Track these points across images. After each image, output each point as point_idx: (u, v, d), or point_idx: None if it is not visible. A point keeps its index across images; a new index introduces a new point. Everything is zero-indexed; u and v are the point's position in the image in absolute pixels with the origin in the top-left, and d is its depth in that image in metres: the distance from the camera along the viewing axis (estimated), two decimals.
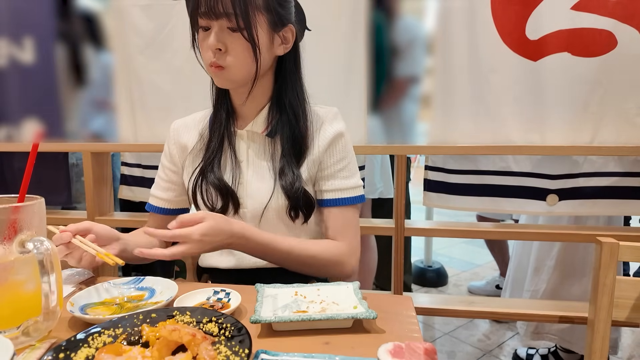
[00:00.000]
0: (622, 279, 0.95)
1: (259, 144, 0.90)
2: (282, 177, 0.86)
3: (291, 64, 0.89)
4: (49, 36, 1.44)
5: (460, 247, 3.41)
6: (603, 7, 1.17)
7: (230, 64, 0.81)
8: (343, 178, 0.89)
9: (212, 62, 0.81)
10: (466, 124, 1.31)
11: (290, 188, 0.84)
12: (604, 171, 1.34)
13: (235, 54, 0.80)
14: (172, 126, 0.99)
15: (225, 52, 0.80)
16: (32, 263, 0.55)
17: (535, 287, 1.63)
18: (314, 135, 0.88)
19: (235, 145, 0.90)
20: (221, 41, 0.79)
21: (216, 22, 0.79)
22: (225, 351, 0.48)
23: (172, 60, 1.41)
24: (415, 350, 0.47)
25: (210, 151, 0.90)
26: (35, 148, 0.61)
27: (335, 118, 0.91)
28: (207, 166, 0.89)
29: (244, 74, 0.83)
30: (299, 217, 0.87)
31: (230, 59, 0.80)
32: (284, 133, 0.87)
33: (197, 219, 0.74)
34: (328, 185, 0.88)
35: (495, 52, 1.25)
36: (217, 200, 0.88)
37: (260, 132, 0.89)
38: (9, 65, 1.46)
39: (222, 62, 0.81)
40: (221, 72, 0.82)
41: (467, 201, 1.45)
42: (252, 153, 0.90)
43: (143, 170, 1.62)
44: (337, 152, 0.89)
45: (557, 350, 1.72)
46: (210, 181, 0.88)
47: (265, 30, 0.81)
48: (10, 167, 1.70)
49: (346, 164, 0.90)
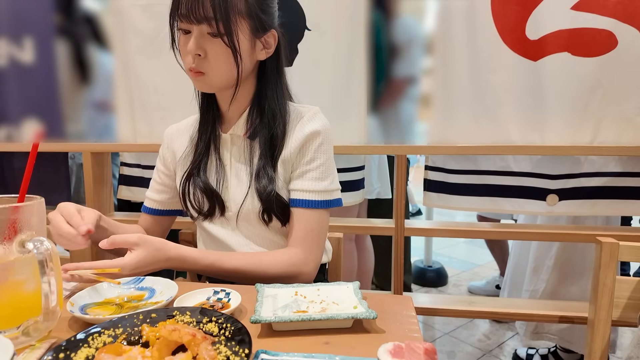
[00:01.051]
0: (622, 279, 0.95)
1: (240, 147, 0.89)
2: (257, 179, 0.85)
3: (272, 68, 0.88)
4: (49, 36, 1.44)
5: (460, 247, 3.41)
6: (603, 7, 1.17)
7: (210, 69, 0.80)
8: (312, 179, 0.85)
9: (192, 67, 0.81)
10: (466, 124, 1.31)
11: (263, 191, 0.83)
12: (604, 171, 1.35)
13: (215, 59, 0.79)
14: (167, 131, 1.00)
15: (205, 58, 0.79)
16: (32, 263, 0.55)
17: (535, 287, 1.63)
18: (289, 135, 0.86)
19: (219, 149, 0.91)
20: (201, 47, 0.78)
21: (197, 26, 0.78)
22: (225, 351, 0.48)
23: (172, 60, 1.40)
24: (415, 350, 0.47)
25: (197, 155, 0.91)
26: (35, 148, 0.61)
27: (312, 118, 0.87)
28: (194, 170, 0.90)
29: (224, 80, 0.82)
30: (273, 221, 0.86)
31: (209, 64, 0.80)
32: (262, 135, 0.86)
33: (131, 242, 0.75)
34: (295, 184, 0.86)
35: (495, 52, 1.25)
36: (204, 203, 0.88)
37: (241, 135, 0.88)
38: (9, 65, 1.46)
39: (202, 68, 0.80)
40: (201, 77, 0.81)
41: (467, 201, 1.45)
42: (234, 156, 0.90)
43: (142, 170, 1.61)
44: (308, 152, 0.85)
45: (557, 350, 1.72)
46: (196, 185, 0.88)
47: (246, 36, 0.80)
48: (10, 167, 1.70)
49: (318, 165, 0.85)
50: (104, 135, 1.52)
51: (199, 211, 0.90)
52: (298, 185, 0.86)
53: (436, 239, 2.93)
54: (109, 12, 1.42)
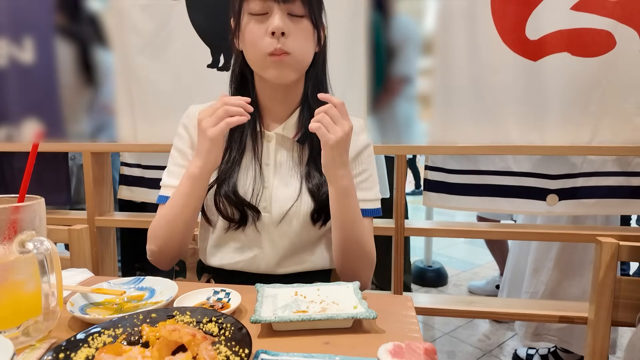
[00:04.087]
0: (622, 279, 0.95)
1: (288, 149, 0.86)
2: (308, 180, 0.83)
3: (320, 65, 0.86)
4: (49, 36, 1.44)
5: (460, 247, 3.41)
6: (602, 8, 1.18)
7: (295, 49, 0.76)
8: (363, 190, 0.86)
9: (276, 48, 0.75)
10: (466, 124, 1.31)
11: (317, 191, 0.82)
12: (603, 171, 1.35)
13: (298, 39, 0.76)
14: (191, 111, 0.90)
15: (288, 37, 0.75)
16: (32, 263, 0.55)
17: (535, 289, 1.63)
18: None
19: (261, 148, 0.85)
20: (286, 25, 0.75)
21: (279, 6, 0.75)
22: (225, 351, 0.48)
23: (172, 60, 1.41)
24: (415, 350, 0.47)
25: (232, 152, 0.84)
26: (35, 148, 0.61)
27: (363, 130, 0.89)
28: (229, 171, 0.84)
29: (305, 62, 0.80)
30: (320, 221, 0.85)
31: (294, 44, 0.76)
32: (313, 139, 0.83)
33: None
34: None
35: (495, 52, 1.25)
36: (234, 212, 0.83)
37: (291, 137, 0.85)
38: (9, 65, 1.46)
39: (286, 47, 0.75)
40: (286, 58, 0.76)
41: (467, 201, 1.45)
42: (281, 158, 0.86)
43: (143, 170, 1.61)
44: (361, 163, 0.87)
45: (556, 351, 1.72)
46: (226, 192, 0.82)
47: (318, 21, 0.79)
48: (10, 167, 1.70)
49: (368, 176, 0.88)
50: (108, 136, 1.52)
51: (230, 219, 0.84)
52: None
53: (436, 239, 2.93)
54: (109, 12, 1.42)
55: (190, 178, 0.79)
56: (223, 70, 1.38)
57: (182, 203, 0.80)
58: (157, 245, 0.84)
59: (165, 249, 0.84)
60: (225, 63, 1.38)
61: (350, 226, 0.80)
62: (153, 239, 0.84)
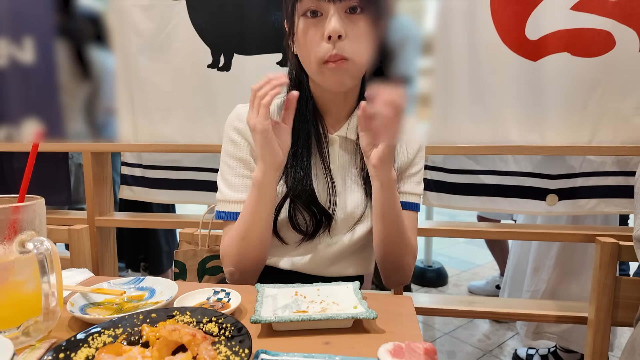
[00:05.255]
0: (622, 279, 0.95)
1: (351, 152, 0.83)
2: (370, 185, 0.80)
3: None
4: (49, 36, 1.44)
5: (460, 247, 3.41)
6: (602, 8, 1.18)
7: (354, 53, 0.71)
8: (416, 183, 0.86)
9: (332, 55, 0.69)
10: (466, 123, 1.31)
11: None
12: (602, 170, 1.35)
13: (357, 40, 0.70)
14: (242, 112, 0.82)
15: (345, 40, 0.69)
16: (32, 263, 0.55)
17: (535, 288, 1.63)
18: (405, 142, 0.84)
19: (326, 153, 0.81)
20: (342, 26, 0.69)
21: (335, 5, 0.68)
22: (225, 351, 0.48)
23: (173, 61, 1.41)
24: (415, 350, 0.47)
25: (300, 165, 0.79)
26: (35, 148, 0.61)
27: (416, 125, 0.90)
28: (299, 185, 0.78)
29: (364, 66, 0.74)
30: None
31: (352, 47, 0.70)
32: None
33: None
34: (402, 187, 0.85)
35: (494, 52, 1.25)
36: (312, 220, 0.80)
37: (354, 139, 0.82)
38: (9, 65, 1.46)
39: (344, 53, 0.69)
40: (344, 65, 0.71)
41: (467, 201, 1.45)
42: (344, 161, 0.83)
43: (144, 170, 1.62)
44: (418, 161, 0.86)
45: (556, 350, 1.72)
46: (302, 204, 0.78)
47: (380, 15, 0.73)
48: (10, 167, 1.70)
49: (418, 170, 0.87)
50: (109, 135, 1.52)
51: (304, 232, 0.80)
52: (403, 188, 0.85)
53: (436, 239, 2.93)
54: (110, 12, 1.42)
55: (256, 185, 0.74)
56: (223, 70, 1.38)
57: (252, 215, 0.76)
58: (234, 264, 0.80)
59: (242, 266, 0.79)
60: (225, 63, 1.38)
61: (395, 218, 0.78)
62: (229, 258, 0.80)
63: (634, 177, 1.31)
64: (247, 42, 1.35)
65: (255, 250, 0.79)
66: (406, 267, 0.84)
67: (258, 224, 0.77)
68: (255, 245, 0.78)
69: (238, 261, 0.79)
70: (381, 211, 0.77)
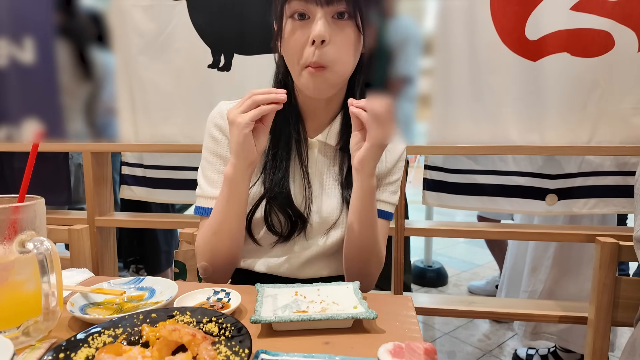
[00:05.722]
0: (622, 279, 0.95)
1: (329, 157, 0.83)
2: (348, 189, 0.81)
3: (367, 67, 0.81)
4: (49, 36, 1.44)
5: (460, 247, 3.42)
6: (601, 8, 1.18)
7: (334, 61, 0.71)
8: (391, 193, 0.86)
9: (313, 61, 0.70)
10: (465, 124, 1.31)
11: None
12: (601, 170, 1.35)
13: (339, 47, 0.70)
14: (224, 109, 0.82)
15: (328, 46, 0.69)
16: (32, 263, 0.55)
17: (533, 288, 1.63)
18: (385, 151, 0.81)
19: (305, 156, 0.82)
20: (328, 31, 0.69)
21: (323, 8, 0.68)
22: (225, 351, 0.48)
23: (173, 61, 1.41)
24: (415, 350, 0.47)
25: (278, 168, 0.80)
26: (35, 148, 0.61)
27: (399, 135, 0.87)
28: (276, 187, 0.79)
29: (345, 75, 0.74)
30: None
31: (333, 54, 0.70)
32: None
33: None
34: (378, 195, 0.84)
35: (494, 52, 1.25)
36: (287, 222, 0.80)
37: (333, 145, 0.82)
38: (9, 65, 1.46)
39: (325, 60, 0.70)
40: (321, 73, 0.71)
41: (467, 200, 1.45)
42: (322, 166, 0.83)
43: (144, 170, 1.62)
44: (396, 170, 0.87)
45: (556, 351, 1.72)
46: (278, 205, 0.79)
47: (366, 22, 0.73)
48: (10, 167, 1.70)
49: (396, 180, 0.87)
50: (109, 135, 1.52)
51: (279, 233, 0.81)
52: (379, 196, 0.84)
53: (436, 239, 2.93)
54: (110, 12, 1.42)
55: (227, 180, 0.74)
56: (223, 71, 1.39)
57: (223, 210, 0.76)
58: (206, 259, 0.80)
59: (215, 261, 0.80)
60: (225, 63, 1.38)
61: (371, 226, 0.78)
62: (201, 254, 0.81)
63: (633, 176, 1.32)
64: (247, 42, 1.35)
65: (227, 245, 0.79)
66: (371, 274, 0.84)
67: (229, 219, 0.77)
68: (226, 240, 0.78)
69: (211, 256, 0.80)
70: (358, 216, 0.77)
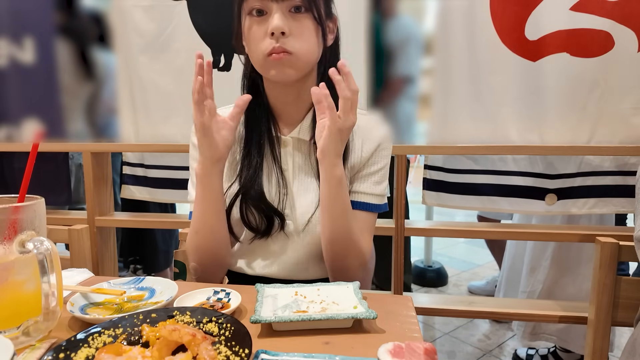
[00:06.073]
0: (622, 279, 0.95)
1: (305, 153, 0.84)
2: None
3: (331, 59, 0.81)
4: (50, 35, 1.44)
5: (460, 247, 3.41)
6: (601, 8, 1.18)
7: (297, 47, 0.73)
8: (374, 183, 0.84)
9: (276, 47, 0.72)
10: (465, 124, 1.31)
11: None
12: (601, 170, 1.35)
13: (301, 36, 0.73)
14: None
15: (289, 36, 0.73)
16: (32, 263, 0.55)
17: (532, 288, 1.63)
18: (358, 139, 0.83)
19: (279, 154, 0.83)
20: (286, 24, 0.72)
21: (278, 4, 0.72)
22: (225, 351, 0.48)
23: (174, 61, 1.41)
24: (415, 350, 0.47)
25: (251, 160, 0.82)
26: (35, 148, 0.61)
27: (378, 123, 0.86)
28: (251, 180, 0.81)
29: (309, 61, 0.77)
30: None
31: (295, 42, 0.73)
32: None
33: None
34: (355, 187, 0.84)
35: (494, 52, 1.25)
36: (263, 219, 0.82)
37: (307, 140, 0.83)
38: (9, 65, 1.46)
39: (288, 46, 0.73)
40: (287, 58, 0.73)
41: (466, 200, 1.45)
42: (299, 161, 0.84)
43: (145, 169, 1.62)
44: (374, 157, 0.84)
45: (556, 350, 1.72)
46: (255, 199, 0.80)
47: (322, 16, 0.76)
48: (10, 167, 1.70)
49: (378, 169, 0.84)
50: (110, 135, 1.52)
51: (256, 230, 0.82)
52: (358, 187, 0.84)
53: (436, 239, 2.93)
54: (111, 12, 1.42)
55: (198, 178, 0.77)
56: (223, 71, 1.39)
57: (200, 208, 0.78)
58: (194, 259, 0.82)
59: (202, 261, 0.82)
60: (225, 63, 1.38)
61: (341, 217, 0.77)
62: (190, 255, 0.83)
63: (633, 176, 1.32)
64: None
65: (210, 243, 0.80)
66: (350, 269, 0.82)
67: (208, 216, 0.79)
68: (209, 238, 0.80)
69: (197, 256, 0.82)
70: (325, 205, 0.77)
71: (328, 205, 0.77)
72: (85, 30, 1.47)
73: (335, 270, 0.83)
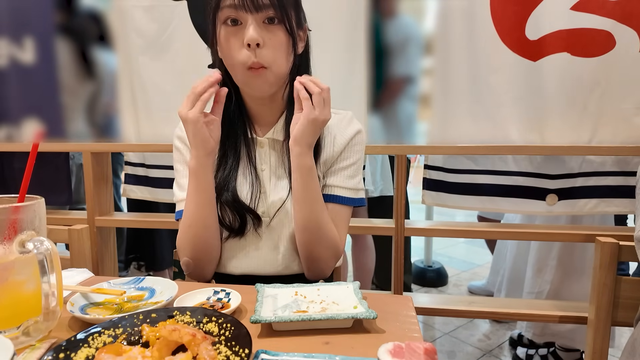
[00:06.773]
0: (622, 279, 0.95)
1: (279, 152, 0.86)
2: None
3: (302, 66, 0.85)
4: (50, 35, 1.44)
5: (460, 247, 3.41)
6: (602, 8, 1.18)
7: (272, 61, 0.76)
8: (346, 177, 0.86)
9: (254, 62, 0.75)
10: (466, 123, 1.31)
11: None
12: (602, 170, 1.35)
13: (274, 49, 0.76)
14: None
15: (263, 48, 0.75)
16: (32, 263, 0.55)
17: (539, 289, 1.62)
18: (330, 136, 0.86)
19: (254, 155, 0.86)
20: (260, 35, 0.74)
21: (252, 15, 0.74)
22: (225, 351, 0.48)
23: (174, 61, 1.41)
24: (415, 350, 0.47)
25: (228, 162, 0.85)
26: (35, 148, 0.61)
27: (352, 120, 0.89)
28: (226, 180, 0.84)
29: (283, 73, 0.79)
30: None
31: (270, 55, 0.76)
32: None
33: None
34: (330, 180, 0.86)
35: (494, 52, 1.25)
36: (236, 219, 0.84)
37: (282, 140, 0.85)
38: (9, 65, 1.46)
39: (264, 61, 0.75)
40: (263, 72, 0.76)
41: (466, 200, 1.45)
42: (274, 162, 0.86)
43: (147, 169, 1.63)
44: (349, 155, 0.87)
45: (556, 350, 1.72)
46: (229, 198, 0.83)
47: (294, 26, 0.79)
48: (10, 167, 1.70)
49: (350, 164, 0.87)
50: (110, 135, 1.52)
51: (230, 228, 0.84)
52: (331, 181, 0.86)
53: (436, 239, 2.93)
54: (112, 12, 1.42)
55: (192, 172, 0.79)
56: None
57: (194, 200, 0.80)
58: (187, 254, 0.83)
59: (195, 255, 0.83)
60: None
61: (311, 204, 0.80)
62: (182, 250, 0.84)
63: (634, 177, 1.32)
64: None
65: (204, 235, 0.82)
66: (321, 259, 0.84)
67: (201, 208, 0.81)
68: (202, 230, 0.82)
69: (191, 250, 0.83)
70: (297, 193, 0.80)
71: (299, 192, 0.80)
72: (86, 30, 1.47)
73: (307, 259, 0.85)
